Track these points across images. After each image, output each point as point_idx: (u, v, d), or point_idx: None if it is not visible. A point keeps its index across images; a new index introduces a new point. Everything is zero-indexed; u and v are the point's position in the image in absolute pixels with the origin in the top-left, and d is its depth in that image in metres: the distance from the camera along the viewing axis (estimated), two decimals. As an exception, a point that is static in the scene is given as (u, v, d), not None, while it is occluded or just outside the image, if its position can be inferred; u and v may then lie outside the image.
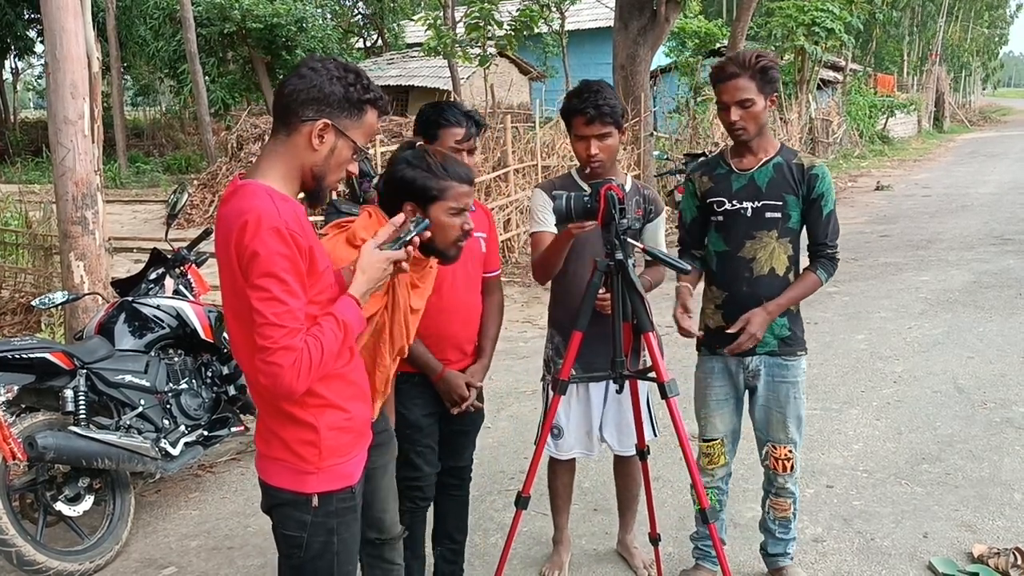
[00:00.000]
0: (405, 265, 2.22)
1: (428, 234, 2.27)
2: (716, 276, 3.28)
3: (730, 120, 3.07)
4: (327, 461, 2.14)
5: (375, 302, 2.52)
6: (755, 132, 3.10)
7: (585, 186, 3.24)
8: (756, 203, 3.15)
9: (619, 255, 2.80)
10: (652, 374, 2.92)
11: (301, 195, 2.15)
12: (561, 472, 3.64)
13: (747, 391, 3.35)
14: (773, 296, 3.14)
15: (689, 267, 3.09)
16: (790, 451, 3.31)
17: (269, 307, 1.93)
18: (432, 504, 3.39)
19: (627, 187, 3.38)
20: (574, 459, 3.63)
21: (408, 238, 2.20)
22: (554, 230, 3.36)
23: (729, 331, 3.15)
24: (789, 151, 3.21)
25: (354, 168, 2.18)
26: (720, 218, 3.22)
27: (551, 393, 3.40)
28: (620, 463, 3.68)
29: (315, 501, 2.14)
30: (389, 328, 2.56)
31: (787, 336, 3.23)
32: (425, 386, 3.11)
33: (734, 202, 3.18)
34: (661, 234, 3.47)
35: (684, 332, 3.16)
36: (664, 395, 2.86)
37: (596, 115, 3.16)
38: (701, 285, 3.42)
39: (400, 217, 2.24)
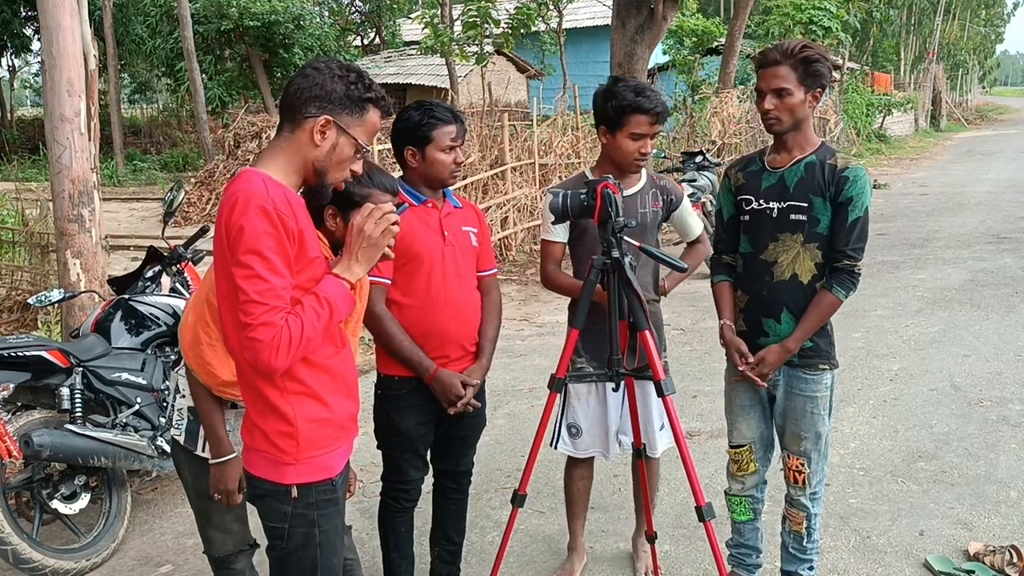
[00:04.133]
0: (389, 252, 2.20)
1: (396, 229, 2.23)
2: (741, 279, 3.16)
3: (764, 108, 2.94)
4: (305, 453, 2.16)
5: None
6: (789, 125, 2.95)
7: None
8: (782, 203, 2.99)
9: (615, 253, 2.80)
10: (649, 372, 2.91)
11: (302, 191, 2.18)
12: (578, 476, 3.60)
13: (770, 398, 3.22)
14: (794, 304, 3.01)
15: (686, 266, 3.06)
16: (802, 464, 3.13)
17: (252, 285, 1.96)
18: (432, 505, 3.40)
19: (642, 181, 3.36)
20: (592, 463, 3.60)
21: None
22: (563, 240, 3.37)
23: (742, 369, 3.06)
24: (827, 150, 3.01)
25: (358, 167, 2.20)
26: (747, 218, 3.10)
27: (570, 392, 3.41)
28: (638, 464, 3.63)
29: (294, 492, 2.17)
30: None
31: (808, 348, 3.04)
32: (420, 392, 3.07)
33: (760, 201, 3.04)
34: (691, 216, 3.49)
35: (748, 379, 3.08)
36: (660, 393, 2.86)
37: (663, 114, 3.17)
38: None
39: (387, 206, 2.22)
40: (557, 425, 3.47)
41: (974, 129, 37.46)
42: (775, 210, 3.01)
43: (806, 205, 2.96)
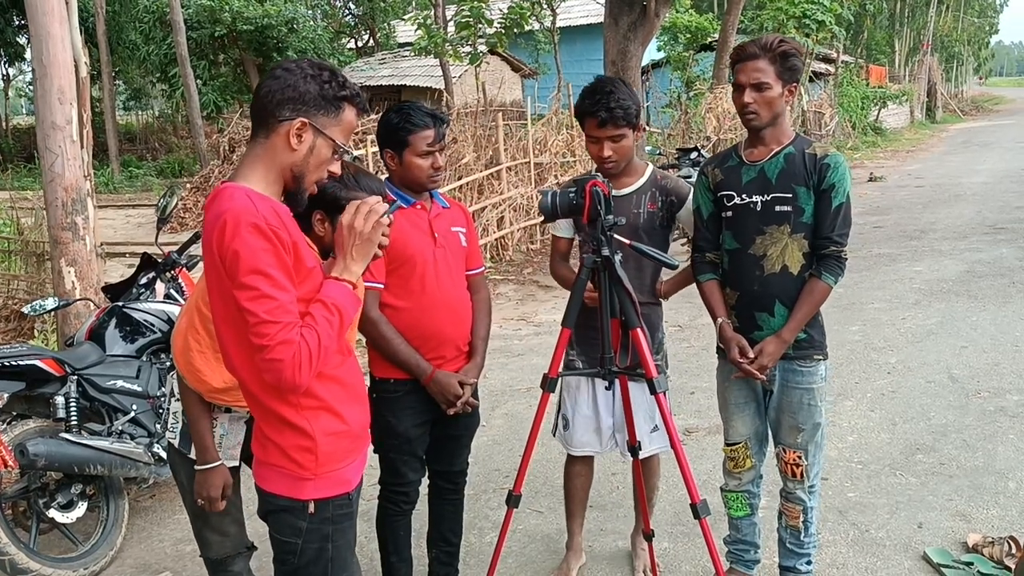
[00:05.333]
0: (379, 250, 2.14)
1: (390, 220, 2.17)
2: (728, 276, 3.14)
3: (743, 102, 2.92)
4: (324, 467, 2.11)
5: None
6: (767, 119, 2.95)
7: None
8: (765, 196, 2.98)
9: (605, 251, 2.79)
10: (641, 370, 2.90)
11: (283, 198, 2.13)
12: (575, 473, 3.58)
13: (765, 393, 3.21)
14: (786, 296, 3.00)
15: (677, 263, 3.05)
16: (799, 457, 3.13)
17: (260, 305, 1.91)
18: (428, 506, 3.40)
19: (642, 181, 3.30)
20: (590, 461, 3.58)
21: (386, 215, 2.13)
22: (569, 235, 3.38)
23: (742, 363, 3.03)
24: (803, 140, 3.03)
25: (336, 168, 2.16)
26: (730, 213, 3.07)
27: (563, 383, 3.40)
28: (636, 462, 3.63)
29: (311, 507, 2.12)
30: None
31: (802, 339, 3.04)
32: (416, 393, 3.07)
33: (743, 196, 3.02)
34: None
35: (748, 374, 3.06)
36: (652, 391, 2.85)
37: (608, 118, 3.10)
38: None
39: (376, 198, 2.18)
40: (556, 414, 3.50)
41: (970, 120, 37.50)
42: (759, 203, 3.00)
43: (790, 196, 2.96)
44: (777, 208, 2.98)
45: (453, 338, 3.11)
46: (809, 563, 3.29)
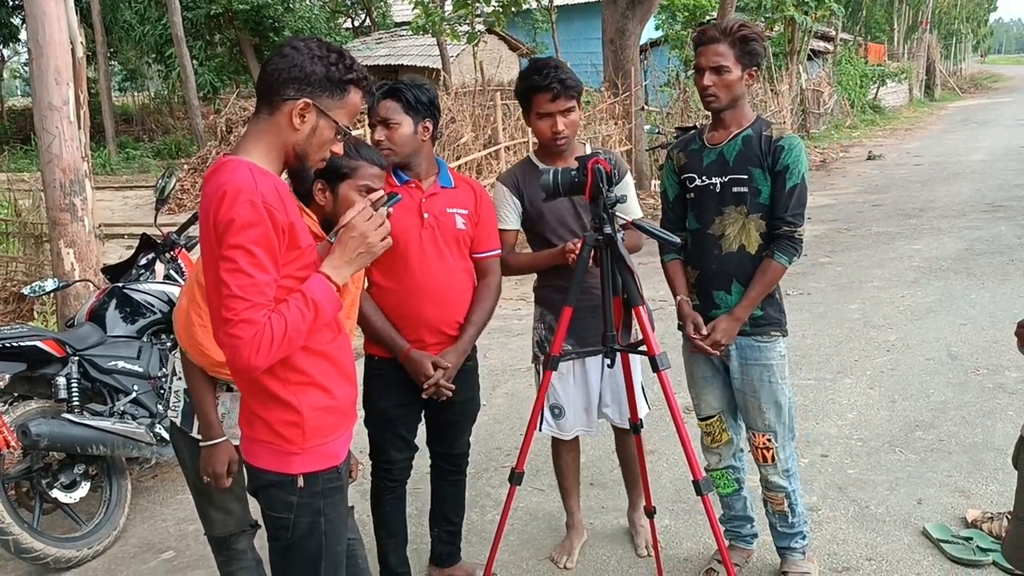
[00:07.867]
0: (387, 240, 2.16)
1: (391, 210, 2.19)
2: (691, 255, 3.21)
3: (703, 84, 3.00)
4: (311, 441, 2.12)
5: None
6: (727, 101, 3.01)
7: (543, 168, 3.22)
8: (724, 178, 3.06)
9: (607, 229, 2.79)
10: (643, 348, 2.90)
11: (285, 176, 2.13)
12: (565, 451, 3.61)
13: (725, 369, 3.25)
14: (743, 274, 3.07)
15: (678, 240, 3.06)
16: (768, 440, 3.17)
17: (235, 279, 1.91)
18: (430, 486, 3.41)
19: (586, 154, 3.30)
20: (577, 438, 3.61)
21: (385, 208, 2.15)
22: (516, 226, 3.38)
23: (695, 338, 3.10)
24: (763, 123, 3.09)
25: (338, 149, 2.16)
26: (692, 195, 3.16)
27: (542, 372, 3.40)
28: (622, 439, 3.64)
29: (301, 482, 2.13)
30: None
31: (759, 316, 3.11)
32: (400, 373, 3.07)
33: (703, 178, 3.11)
34: (630, 195, 3.32)
35: (701, 350, 3.11)
36: (655, 368, 2.85)
37: (561, 90, 3.13)
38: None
39: (378, 193, 2.21)
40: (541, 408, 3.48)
41: (968, 98, 37.40)
42: (718, 185, 3.09)
43: (746, 177, 3.04)
44: (734, 189, 3.06)
45: (434, 322, 3.08)
46: (804, 537, 3.33)
